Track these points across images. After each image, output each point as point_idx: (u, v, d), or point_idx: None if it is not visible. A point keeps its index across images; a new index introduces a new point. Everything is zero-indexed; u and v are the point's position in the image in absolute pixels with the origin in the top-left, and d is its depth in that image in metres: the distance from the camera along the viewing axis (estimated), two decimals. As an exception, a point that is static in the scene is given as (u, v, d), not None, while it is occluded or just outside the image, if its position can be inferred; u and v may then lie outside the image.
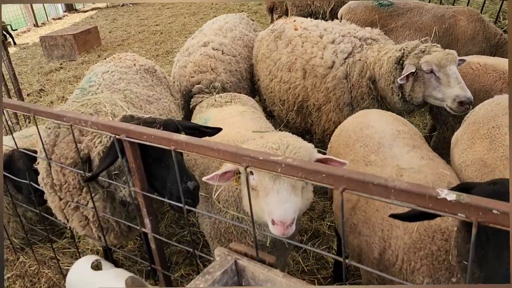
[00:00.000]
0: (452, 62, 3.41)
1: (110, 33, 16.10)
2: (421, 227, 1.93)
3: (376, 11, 5.92)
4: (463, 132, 2.60)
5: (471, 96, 3.27)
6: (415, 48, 3.64)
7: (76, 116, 2.58)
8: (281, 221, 2.00)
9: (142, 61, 4.17)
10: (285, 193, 2.04)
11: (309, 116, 4.35)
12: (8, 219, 4.13)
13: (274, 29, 4.79)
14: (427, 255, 1.86)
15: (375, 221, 2.17)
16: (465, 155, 2.49)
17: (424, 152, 2.46)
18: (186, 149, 2.11)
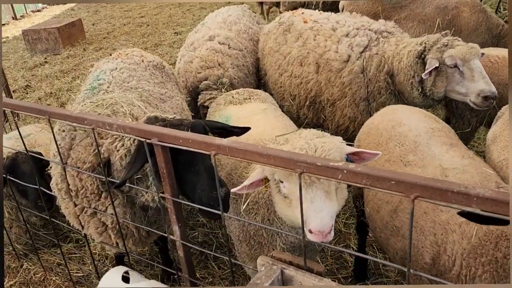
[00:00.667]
0: (476, 56, 3.37)
1: (94, 26, 15.65)
2: (480, 232, 1.86)
3: (379, 3, 5.84)
4: (502, 129, 2.56)
5: (495, 91, 3.23)
6: (437, 42, 3.57)
7: (99, 119, 2.43)
8: (319, 230, 1.93)
9: (149, 57, 4.01)
10: (319, 201, 1.96)
11: (322, 111, 4.26)
12: (10, 224, 3.94)
13: (282, 22, 4.66)
14: (490, 262, 1.80)
15: (424, 224, 2.10)
16: (505, 152, 2.45)
17: (463, 151, 2.40)
18: (229, 154, 1.98)
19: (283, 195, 2.13)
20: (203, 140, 2.05)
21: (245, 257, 2.70)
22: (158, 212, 3.01)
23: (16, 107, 2.85)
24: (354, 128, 4.07)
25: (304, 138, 2.17)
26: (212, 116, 3.42)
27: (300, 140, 2.16)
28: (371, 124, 2.90)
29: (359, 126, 4.04)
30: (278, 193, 2.16)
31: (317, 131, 2.27)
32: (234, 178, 2.75)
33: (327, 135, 2.24)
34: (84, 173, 2.76)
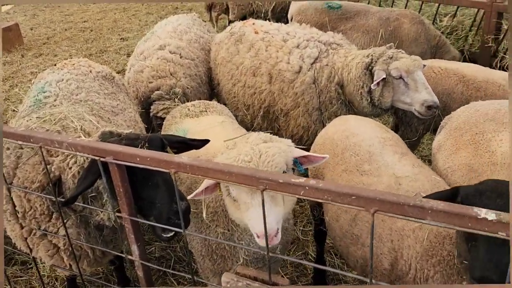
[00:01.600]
0: (419, 68, 3.58)
1: (32, 30, 14.84)
2: (431, 235, 1.98)
3: (326, 14, 6.03)
4: (446, 138, 2.72)
5: (437, 101, 3.45)
6: (382, 54, 3.75)
7: (47, 137, 2.31)
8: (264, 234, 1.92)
9: (98, 67, 3.86)
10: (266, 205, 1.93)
11: (276, 121, 4.32)
12: None
13: (233, 32, 4.68)
14: (440, 262, 1.92)
15: (381, 232, 2.19)
16: (450, 160, 2.61)
17: (413, 159, 2.54)
18: (190, 172, 1.96)
19: (233, 198, 2.17)
20: (162, 158, 2.01)
21: (209, 273, 2.68)
22: (114, 231, 2.90)
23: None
24: (308, 137, 4.17)
25: (250, 144, 2.19)
26: (168, 129, 3.36)
27: (246, 145, 2.18)
28: (325, 135, 2.99)
29: (313, 135, 4.16)
30: (228, 196, 2.20)
31: (266, 135, 2.28)
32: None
33: (275, 138, 2.26)
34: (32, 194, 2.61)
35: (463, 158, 2.53)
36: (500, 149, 2.46)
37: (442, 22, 6.68)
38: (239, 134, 3.02)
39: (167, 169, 1.98)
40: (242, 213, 2.11)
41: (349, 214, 2.43)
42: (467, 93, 3.75)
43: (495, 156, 2.45)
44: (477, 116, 2.61)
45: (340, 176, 2.61)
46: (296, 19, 6.15)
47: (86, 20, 16.31)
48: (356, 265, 2.44)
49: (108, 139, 2.48)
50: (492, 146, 2.43)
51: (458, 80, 3.74)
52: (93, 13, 17.79)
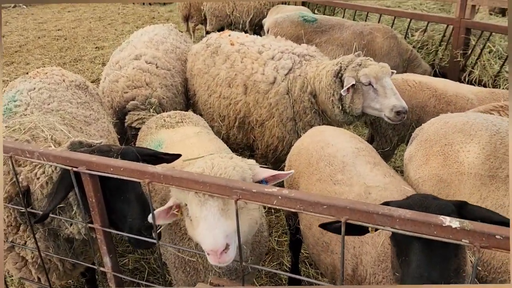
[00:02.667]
0: (387, 75, 3.69)
1: (4, 38, 14.51)
2: (386, 241, 2.02)
3: (302, 26, 6.14)
4: (417, 149, 2.80)
5: (406, 106, 3.57)
6: (351, 62, 3.84)
7: (17, 146, 2.27)
8: (211, 249, 1.88)
9: (71, 76, 3.81)
10: (213, 218, 1.90)
11: (251, 131, 4.35)
12: None
13: (210, 44, 4.71)
14: (387, 267, 1.97)
15: (347, 239, 2.23)
16: (420, 171, 2.68)
17: (385, 169, 2.60)
18: (164, 182, 1.96)
19: (190, 218, 2.08)
20: (136, 168, 2.00)
21: (182, 284, 2.65)
22: (84, 242, 2.85)
23: None
24: (283, 147, 4.21)
25: (205, 159, 2.16)
26: (144, 140, 3.34)
27: (201, 161, 2.17)
28: (301, 146, 3.03)
29: (288, 145, 4.20)
30: (187, 217, 2.12)
31: (228, 155, 2.25)
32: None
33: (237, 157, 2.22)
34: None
35: (433, 168, 2.60)
36: (468, 160, 2.54)
37: (414, 37, 6.90)
38: (214, 144, 3.04)
39: (141, 179, 1.97)
40: (195, 230, 2.01)
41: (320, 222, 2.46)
42: (439, 106, 3.88)
43: (463, 166, 2.53)
44: (446, 127, 2.70)
45: (314, 185, 2.65)
46: (272, 31, 6.24)
47: (60, 28, 16.05)
48: (327, 272, 2.47)
49: (78, 149, 2.45)
50: (460, 157, 2.52)
51: (431, 94, 3.87)
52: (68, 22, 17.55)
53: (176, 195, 2.09)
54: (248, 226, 2.09)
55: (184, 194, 1.99)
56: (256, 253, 2.60)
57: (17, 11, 21.67)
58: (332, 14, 8.90)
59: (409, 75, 4.35)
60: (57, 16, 17.79)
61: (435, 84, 3.93)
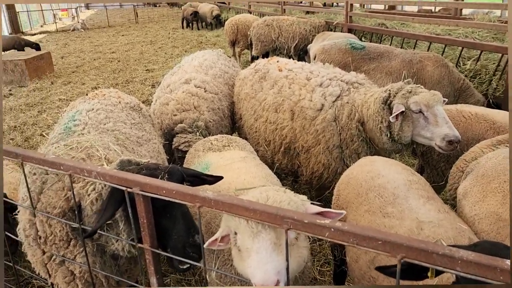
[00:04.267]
0: (439, 103, 3.58)
1: (63, 59, 15.48)
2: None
3: (350, 54, 6.13)
4: (473, 185, 2.67)
5: (459, 135, 3.42)
6: (401, 89, 3.77)
7: (76, 165, 2.36)
8: (262, 285, 1.82)
9: (127, 98, 3.98)
10: (265, 252, 1.87)
11: (296, 157, 4.33)
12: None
13: (258, 69, 4.79)
14: None
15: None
16: (477, 208, 2.55)
17: (439, 205, 2.49)
18: (214, 207, 1.97)
19: (238, 248, 2.06)
20: (188, 192, 2.03)
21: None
22: (129, 260, 2.90)
23: (-15, 148, 2.73)
24: (328, 174, 4.15)
25: (259, 190, 2.15)
26: (191, 163, 3.40)
27: (256, 191, 2.16)
28: (350, 175, 2.97)
29: (333, 172, 4.14)
30: (235, 246, 2.09)
31: (280, 188, 2.22)
32: (212, 227, 2.72)
33: (290, 191, 2.18)
34: (54, 219, 2.64)
35: (491, 206, 2.46)
36: (529, 198, 2.39)
37: (466, 66, 6.70)
38: (260, 170, 3.05)
39: (192, 203, 1.99)
40: (244, 262, 1.97)
41: (368, 255, 2.38)
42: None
43: (524, 204, 2.38)
44: (505, 163, 2.56)
45: (362, 216, 2.58)
46: (319, 58, 6.27)
47: (114, 51, 16.90)
48: (373, 309, 2.37)
49: (127, 167, 2.53)
50: (521, 195, 2.38)
51: (488, 127, 3.70)
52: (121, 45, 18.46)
53: (227, 222, 2.09)
54: (297, 264, 2.05)
55: (236, 222, 1.99)
56: (299, 283, 2.54)
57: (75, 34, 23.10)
58: (379, 42, 8.85)
59: (464, 106, 4.19)
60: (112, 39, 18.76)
61: (493, 116, 3.76)
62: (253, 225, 1.89)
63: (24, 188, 2.70)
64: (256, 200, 2.02)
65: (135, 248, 2.51)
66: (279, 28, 10.85)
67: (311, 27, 10.48)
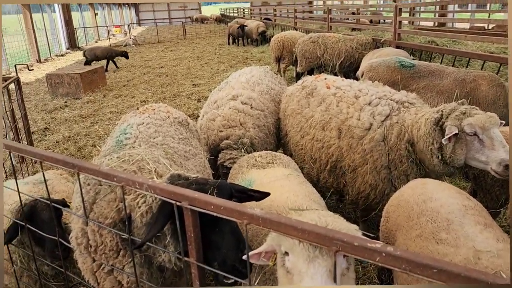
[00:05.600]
0: (495, 125, 3.41)
1: (115, 73, 16.19)
2: None
3: (398, 72, 6.00)
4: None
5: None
6: (454, 110, 3.62)
7: (129, 177, 2.43)
8: None
9: (175, 113, 4.09)
10: (320, 279, 1.82)
11: (342, 176, 4.25)
12: (21, 273, 3.85)
13: (305, 86, 4.78)
14: None
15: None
16: (540, 237, 2.39)
17: (498, 233, 2.35)
18: (262, 225, 1.96)
19: (286, 269, 2.01)
20: (236, 208, 2.04)
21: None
22: (174, 273, 2.94)
23: (45, 157, 2.87)
24: (375, 195, 4.04)
25: (317, 214, 2.13)
26: (235, 179, 3.42)
27: (313, 214, 2.13)
28: (401, 197, 2.88)
29: (380, 193, 4.03)
30: (282, 267, 2.05)
31: (334, 214, 2.20)
32: (254, 245, 2.70)
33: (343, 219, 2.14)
34: (105, 229, 2.73)
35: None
36: None
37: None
38: (304, 189, 3.01)
39: (240, 219, 1.99)
40: (292, 283, 1.94)
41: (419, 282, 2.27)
42: None
43: None
44: None
45: (413, 241, 2.47)
46: (367, 76, 6.18)
47: (163, 66, 17.49)
48: None
49: (176, 181, 2.58)
50: None
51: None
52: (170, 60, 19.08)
53: (279, 241, 2.06)
54: None
55: (289, 243, 1.96)
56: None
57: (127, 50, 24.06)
58: (429, 60, 8.62)
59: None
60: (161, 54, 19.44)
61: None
62: (309, 249, 1.85)
63: (78, 198, 2.81)
64: (314, 222, 1.99)
65: (181, 261, 2.54)
66: (325, 45, 10.83)
67: (357, 44, 10.39)
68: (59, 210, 3.38)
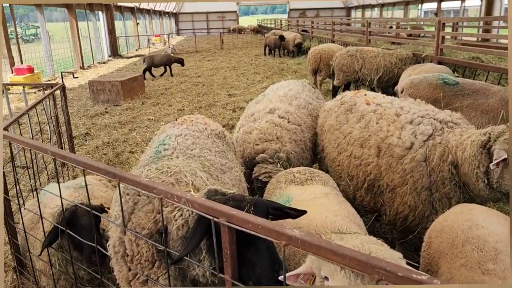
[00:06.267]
0: (547, 151, 3.22)
1: (153, 81, 16.59)
2: None
3: (441, 89, 5.82)
4: None
5: None
6: (503, 133, 3.46)
7: (168, 190, 2.45)
8: None
9: (212, 125, 4.11)
10: None
11: (380, 196, 4.14)
12: (58, 276, 3.96)
13: (344, 101, 4.71)
14: None
15: None
16: None
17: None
18: (300, 247, 1.92)
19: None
20: (274, 228, 2.00)
21: None
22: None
23: (87, 166, 2.95)
24: (414, 217, 3.90)
25: (360, 240, 2.07)
26: (272, 194, 3.39)
27: (356, 240, 2.07)
28: (444, 222, 2.76)
29: (420, 216, 3.89)
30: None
31: (378, 240, 2.16)
32: (291, 265, 2.66)
33: (387, 246, 2.10)
34: (142, 239, 2.76)
35: None
36: None
37: None
38: (343, 209, 2.95)
39: (278, 240, 1.96)
40: None
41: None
42: None
43: None
44: None
45: (458, 270, 2.36)
46: (407, 92, 6.03)
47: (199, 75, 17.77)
48: None
49: (213, 197, 2.58)
50: None
51: None
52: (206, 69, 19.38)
53: (319, 264, 2.02)
54: None
55: (329, 268, 1.92)
56: None
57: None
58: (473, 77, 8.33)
59: None
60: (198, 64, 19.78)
61: None
62: (351, 277, 1.80)
63: (118, 207, 2.86)
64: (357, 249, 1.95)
65: (215, 277, 2.53)
66: (363, 59, 10.69)
67: (397, 59, 10.18)
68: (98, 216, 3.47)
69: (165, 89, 14.75)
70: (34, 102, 5.18)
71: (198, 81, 16.25)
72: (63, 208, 3.33)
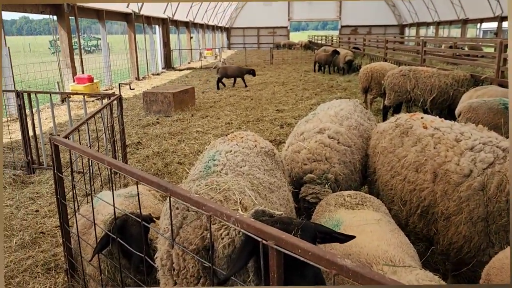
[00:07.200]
0: None
1: (203, 94, 16.97)
2: None
3: (502, 115, 5.52)
4: None
5: None
6: None
7: (218, 208, 2.46)
8: None
9: (262, 142, 4.11)
10: None
11: (433, 223, 3.94)
12: (106, 282, 4.07)
13: (399, 124, 4.57)
14: None
15: None
16: None
17: None
18: (351, 278, 1.85)
19: None
20: (324, 256, 1.95)
21: None
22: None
23: (141, 178, 3.03)
24: (469, 249, 3.68)
25: (415, 276, 1.98)
26: (321, 216, 3.33)
27: (411, 275, 1.98)
28: (505, 259, 2.58)
29: (475, 248, 3.67)
30: None
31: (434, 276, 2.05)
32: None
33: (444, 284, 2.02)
34: (189, 254, 2.78)
35: None
36: None
37: None
38: (396, 237, 2.83)
39: (328, 268, 1.91)
40: None
41: None
42: None
43: None
44: None
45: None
46: (465, 116, 5.77)
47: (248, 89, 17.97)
48: None
49: (260, 218, 2.56)
50: None
51: None
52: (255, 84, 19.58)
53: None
54: None
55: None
56: None
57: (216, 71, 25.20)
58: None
59: None
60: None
61: None
62: None
63: (167, 220, 2.91)
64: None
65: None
66: (416, 79, 10.36)
67: (453, 80, 9.78)
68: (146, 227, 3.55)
69: (214, 102, 15.02)
70: (93, 112, 5.44)
71: (246, 95, 16.42)
72: (115, 217, 3.43)
